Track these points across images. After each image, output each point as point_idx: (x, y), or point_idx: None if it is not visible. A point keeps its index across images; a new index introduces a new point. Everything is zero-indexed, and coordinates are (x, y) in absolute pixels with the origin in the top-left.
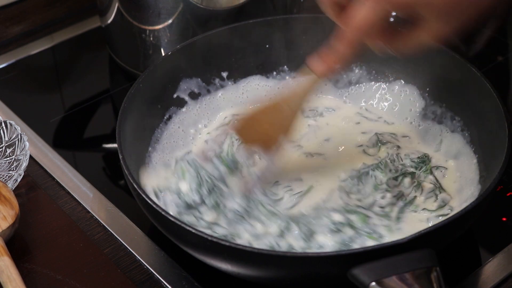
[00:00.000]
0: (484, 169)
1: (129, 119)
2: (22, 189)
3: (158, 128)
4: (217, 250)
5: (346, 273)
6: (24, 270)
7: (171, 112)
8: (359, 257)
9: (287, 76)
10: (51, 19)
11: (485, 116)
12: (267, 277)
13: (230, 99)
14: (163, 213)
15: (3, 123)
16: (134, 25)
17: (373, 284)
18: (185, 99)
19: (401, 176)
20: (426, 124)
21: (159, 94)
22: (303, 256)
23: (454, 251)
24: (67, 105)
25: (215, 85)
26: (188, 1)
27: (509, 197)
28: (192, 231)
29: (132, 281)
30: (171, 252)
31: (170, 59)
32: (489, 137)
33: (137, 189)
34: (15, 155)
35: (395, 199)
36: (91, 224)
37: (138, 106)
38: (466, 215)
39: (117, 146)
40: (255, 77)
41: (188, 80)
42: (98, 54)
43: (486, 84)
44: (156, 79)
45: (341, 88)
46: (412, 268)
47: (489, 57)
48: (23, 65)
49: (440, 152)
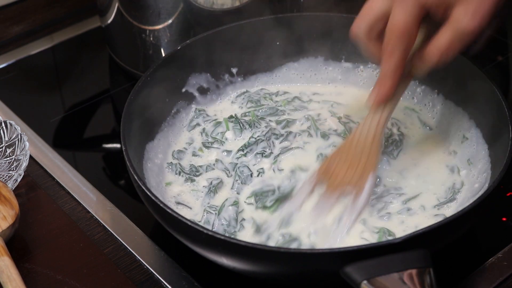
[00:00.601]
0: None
1: (135, 112)
2: (22, 189)
3: (165, 122)
4: (212, 244)
5: (339, 271)
6: (24, 270)
7: (179, 106)
8: (352, 255)
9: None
10: (51, 19)
11: (487, 117)
12: (260, 272)
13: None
14: (161, 205)
15: (3, 123)
16: (134, 25)
17: (364, 282)
18: (194, 94)
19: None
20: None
21: (168, 88)
22: (296, 253)
23: (454, 251)
24: (67, 105)
25: (224, 81)
26: (188, 1)
27: (509, 197)
28: (188, 224)
29: (132, 281)
30: (171, 252)
31: (179, 53)
32: (490, 137)
33: (137, 181)
34: (15, 155)
35: None
36: (91, 224)
37: (145, 99)
38: (461, 218)
39: (121, 136)
40: (264, 74)
41: (197, 75)
42: (98, 54)
43: (492, 85)
44: (164, 72)
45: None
46: (405, 268)
47: (489, 57)
48: (23, 65)
49: None
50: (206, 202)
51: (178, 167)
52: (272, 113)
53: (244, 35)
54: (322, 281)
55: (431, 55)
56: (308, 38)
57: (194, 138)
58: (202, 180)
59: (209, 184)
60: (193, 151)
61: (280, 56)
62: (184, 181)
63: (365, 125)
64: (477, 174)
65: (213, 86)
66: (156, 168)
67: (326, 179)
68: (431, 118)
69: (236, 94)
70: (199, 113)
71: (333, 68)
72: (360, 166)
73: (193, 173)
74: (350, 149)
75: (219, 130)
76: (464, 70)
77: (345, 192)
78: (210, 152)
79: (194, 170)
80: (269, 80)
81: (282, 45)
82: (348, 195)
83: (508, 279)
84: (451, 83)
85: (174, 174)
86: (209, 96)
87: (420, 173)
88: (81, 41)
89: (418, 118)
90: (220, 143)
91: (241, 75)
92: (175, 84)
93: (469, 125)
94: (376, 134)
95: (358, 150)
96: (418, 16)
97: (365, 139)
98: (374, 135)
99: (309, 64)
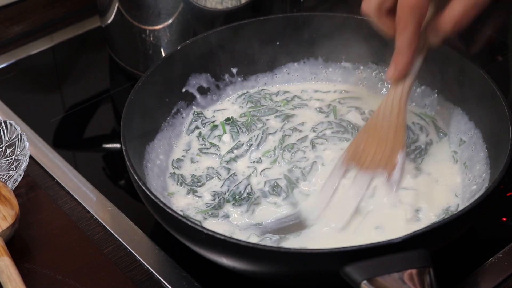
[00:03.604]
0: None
1: (135, 112)
2: (22, 189)
3: (165, 122)
4: (212, 244)
5: (339, 271)
6: (24, 270)
7: (179, 106)
8: (352, 255)
9: (296, 74)
10: (51, 19)
11: (487, 117)
12: (260, 272)
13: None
14: (162, 205)
15: (3, 123)
16: (134, 25)
17: (364, 282)
18: (193, 94)
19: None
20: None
21: (168, 88)
22: (297, 252)
23: (454, 251)
24: (67, 105)
25: (224, 81)
26: (188, 1)
27: (509, 197)
28: (188, 224)
29: (132, 281)
30: (171, 252)
31: (179, 53)
32: (491, 138)
33: (137, 180)
34: (15, 155)
35: None
36: (91, 224)
37: (145, 99)
38: (461, 218)
39: (121, 137)
40: (264, 74)
41: (197, 75)
42: (98, 54)
43: (492, 85)
44: (164, 72)
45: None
46: (405, 268)
47: (489, 57)
48: (23, 65)
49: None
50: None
51: (180, 178)
52: (272, 113)
53: (244, 35)
54: (322, 281)
55: (445, 25)
56: (308, 38)
57: (192, 144)
58: (206, 194)
59: (212, 199)
60: (191, 157)
61: (281, 56)
62: (187, 194)
63: (388, 102)
64: (476, 175)
65: (213, 86)
66: (156, 169)
67: (356, 162)
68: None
69: (236, 95)
70: (197, 116)
71: (333, 69)
72: (388, 144)
73: (195, 184)
74: (376, 128)
75: (216, 133)
76: (464, 70)
77: (377, 173)
78: (208, 157)
79: (196, 181)
80: (269, 81)
81: (282, 45)
82: (380, 176)
83: (508, 279)
84: (451, 83)
85: (176, 184)
86: (209, 96)
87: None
88: (81, 41)
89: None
90: (216, 148)
91: (241, 75)
92: (175, 84)
93: (469, 126)
94: (400, 110)
95: (384, 129)
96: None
97: (390, 115)
98: (398, 111)
99: (310, 65)
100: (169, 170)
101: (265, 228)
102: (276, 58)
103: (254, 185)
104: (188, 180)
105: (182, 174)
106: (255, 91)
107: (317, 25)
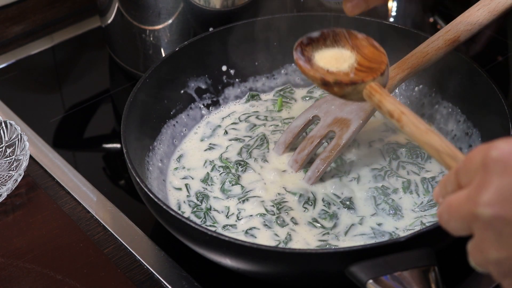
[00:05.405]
0: None
1: (134, 113)
2: (22, 189)
3: (165, 122)
4: (216, 245)
5: (344, 271)
6: (24, 270)
7: (179, 107)
8: (357, 254)
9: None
10: (51, 19)
11: (487, 117)
12: (265, 273)
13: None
14: (164, 206)
15: (3, 123)
16: (134, 25)
17: (370, 281)
18: (193, 95)
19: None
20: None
21: (166, 89)
22: (302, 253)
23: (455, 250)
24: (67, 105)
25: (223, 82)
26: (188, 1)
27: None
28: (192, 225)
29: (132, 281)
30: (171, 252)
31: (178, 54)
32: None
33: (139, 182)
34: (15, 155)
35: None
36: (91, 224)
37: (144, 100)
38: None
39: (121, 138)
40: (264, 74)
41: (195, 77)
42: (98, 54)
43: (492, 85)
44: (164, 73)
45: None
46: (410, 266)
47: (489, 57)
48: (23, 65)
49: None
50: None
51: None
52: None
53: (244, 35)
54: (327, 281)
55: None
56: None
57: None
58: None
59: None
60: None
61: (280, 57)
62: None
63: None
64: None
65: (213, 87)
66: (157, 169)
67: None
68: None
69: (236, 95)
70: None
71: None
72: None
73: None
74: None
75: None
76: (464, 70)
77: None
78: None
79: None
80: (269, 81)
81: (282, 45)
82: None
83: None
84: (450, 83)
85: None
86: (209, 97)
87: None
88: (81, 41)
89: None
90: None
91: (240, 76)
92: (175, 84)
93: (468, 126)
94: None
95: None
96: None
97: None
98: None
99: None
100: (170, 170)
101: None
102: (276, 58)
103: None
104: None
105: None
106: (255, 91)
107: (317, 25)
